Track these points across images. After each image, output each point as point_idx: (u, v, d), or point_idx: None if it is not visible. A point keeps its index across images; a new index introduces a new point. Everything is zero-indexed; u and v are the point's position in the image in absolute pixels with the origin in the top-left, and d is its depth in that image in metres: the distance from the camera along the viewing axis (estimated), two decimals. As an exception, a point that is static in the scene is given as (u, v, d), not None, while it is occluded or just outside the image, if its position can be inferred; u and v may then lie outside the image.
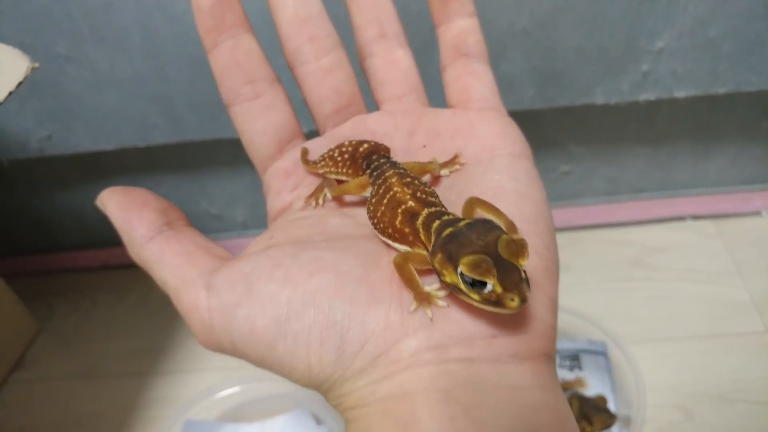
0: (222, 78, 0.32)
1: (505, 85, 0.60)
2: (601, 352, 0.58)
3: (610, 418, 0.51)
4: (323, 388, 0.25)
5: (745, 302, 0.64)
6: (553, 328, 0.25)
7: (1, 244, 0.80)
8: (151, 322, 0.70)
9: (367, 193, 0.30)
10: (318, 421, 0.57)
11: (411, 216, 0.26)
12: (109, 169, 0.72)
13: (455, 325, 0.23)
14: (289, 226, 0.29)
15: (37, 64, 0.42)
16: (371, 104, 0.36)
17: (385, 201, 0.27)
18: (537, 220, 0.27)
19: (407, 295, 0.24)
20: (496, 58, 0.58)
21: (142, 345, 0.68)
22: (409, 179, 0.28)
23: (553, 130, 0.68)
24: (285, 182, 0.32)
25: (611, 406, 0.55)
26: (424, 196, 0.27)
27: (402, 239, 0.26)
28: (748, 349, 0.61)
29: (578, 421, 0.52)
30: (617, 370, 0.57)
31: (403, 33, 0.35)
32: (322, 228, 0.29)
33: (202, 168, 0.72)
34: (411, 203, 0.27)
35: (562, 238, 0.73)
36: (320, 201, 0.31)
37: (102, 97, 0.61)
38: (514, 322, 0.23)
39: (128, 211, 0.28)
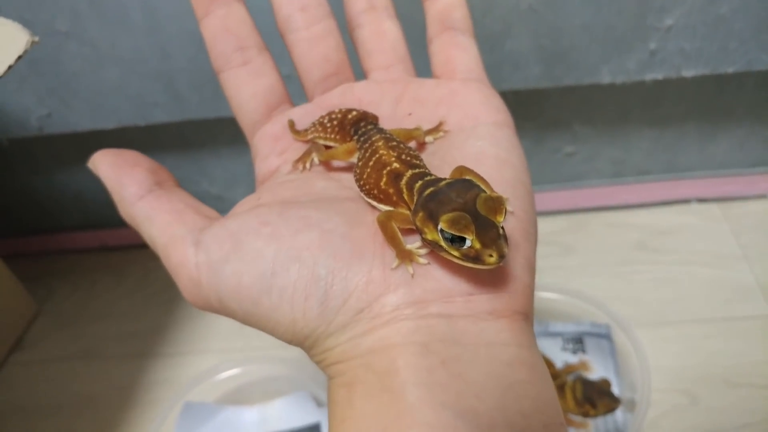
0: (213, 45, 0.33)
1: (510, 64, 0.59)
2: (604, 335, 0.58)
3: (614, 401, 0.51)
4: (307, 343, 0.25)
5: (751, 285, 0.64)
6: (530, 288, 0.26)
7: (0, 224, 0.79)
8: (151, 303, 0.70)
9: (354, 158, 0.31)
10: (319, 403, 0.57)
11: (395, 177, 0.27)
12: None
13: (435, 282, 0.24)
14: (276, 188, 0.30)
15: (37, 38, 0.41)
16: (360, 75, 0.37)
17: (371, 163, 0.28)
18: (516, 184, 0.28)
19: (389, 252, 0.25)
20: (501, 36, 0.57)
21: (141, 326, 0.68)
22: (394, 143, 0.29)
23: (558, 110, 0.67)
24: (273, 146, 0.33)
25: (615, 389, 0.54)
26: (408, 158, 0.28)
27: (386, 200, 0.27)
28: (753, 332, 0.60)
29: (582, 404, 0.51)
30: (621, 354, 0.57)
31: (391, 5, 0.36)
32: (308, 190, 0.29)
33: (203, 148, 0.71)
34: (396, 165, 0.27)
35: (566, 221, 0.73)
36: (308, 165, 0.31)
37: (102, 75, 0.60)
38: (492, 281, 0.24)
39: (119, 170, 0.28)
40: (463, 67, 0.34)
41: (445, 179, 0.25)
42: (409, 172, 0.26)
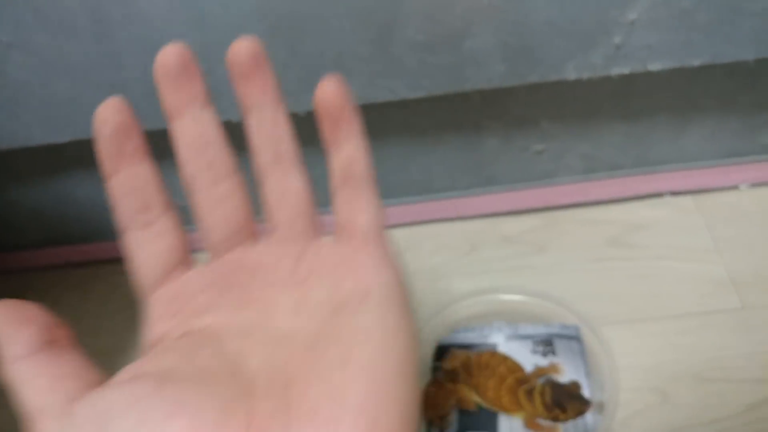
0: (118, 204, 0.32)
1: (473, 62, 0.57)
2: (574, 337, 0.57)
3: (584, 404, 0.50)
4: None
5: (723, 279, 0.63)
6: None
7: (-40, 241, 0.77)
8: (116, 320, 0.68)
9: None
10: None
11: None
12: (67, 163, 0.69)
13: None
14: (160, 355, 0.28)
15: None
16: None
17: None
18: (396, 377, 0.27)
19: None
20: (462, 35, 0.56)
21: (107, 344, 0.66)
22: None
23: (524, 108, 0.66)
24: (166, 309, 0.32)
25: (586, 391, 0.53)
26: None
27: None
28: (726, 327, 0.60)
29: (551, 408, 0.50)
30: (591, 355, 0.56)
31: (297, 152, 0.35)
32: (191, 360, 0.28)
33: (164, 159, 0.69)
34: None
35: (537, 219, 0.72)
36: None
37: (51, 86, 0.58)
38: None
39: (10, 326, 0.26)
40: (361, 225, 0.33)
41: None
42: None
